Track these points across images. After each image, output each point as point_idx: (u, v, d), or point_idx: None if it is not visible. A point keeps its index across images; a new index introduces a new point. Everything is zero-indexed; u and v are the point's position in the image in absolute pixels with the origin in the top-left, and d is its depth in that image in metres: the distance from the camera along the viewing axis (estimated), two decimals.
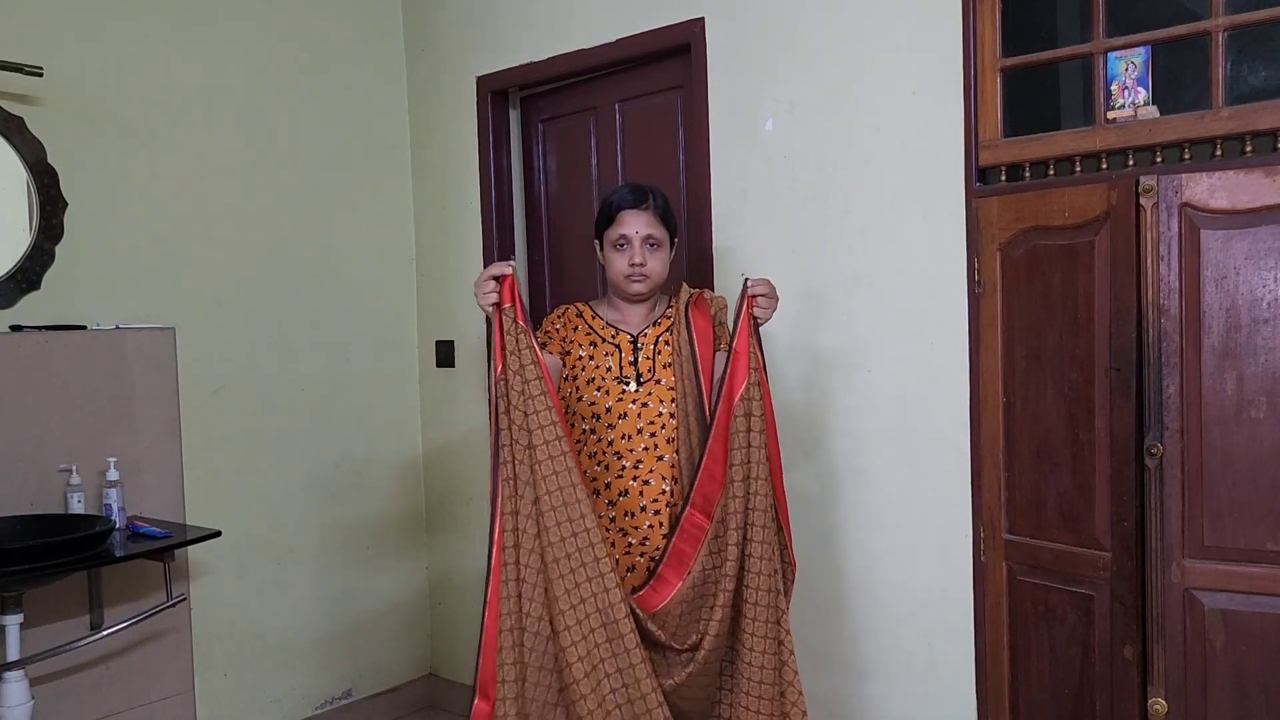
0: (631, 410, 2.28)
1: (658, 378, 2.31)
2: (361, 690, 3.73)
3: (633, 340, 2.34)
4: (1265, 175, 2.11)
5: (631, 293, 2.34)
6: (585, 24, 3.29)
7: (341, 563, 3.67)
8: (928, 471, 2.66)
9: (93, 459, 2.85)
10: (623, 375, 2.30)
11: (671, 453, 2.29)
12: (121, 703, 2.95)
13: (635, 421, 2.28)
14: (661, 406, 2.29)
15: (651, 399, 2.30)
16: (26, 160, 2.85)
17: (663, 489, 2.29)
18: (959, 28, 2.54)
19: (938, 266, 2.61)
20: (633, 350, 2.33)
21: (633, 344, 2.34)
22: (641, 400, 2.29)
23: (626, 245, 2.31)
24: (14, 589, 2.52)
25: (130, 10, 3.11)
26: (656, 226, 2.33)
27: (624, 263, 2.31)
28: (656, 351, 2.32)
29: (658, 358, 2.32)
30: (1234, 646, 2.17)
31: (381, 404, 3.79)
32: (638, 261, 2.30)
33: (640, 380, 2.30)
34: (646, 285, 2.33)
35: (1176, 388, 2.20)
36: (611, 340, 2.34)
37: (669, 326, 2.35)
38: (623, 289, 2.34)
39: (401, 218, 3.87)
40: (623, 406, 2.29)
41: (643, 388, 2.30)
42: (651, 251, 2.32)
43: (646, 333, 2.35)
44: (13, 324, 2.81)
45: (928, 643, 2.69)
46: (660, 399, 2.29)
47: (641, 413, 2.29)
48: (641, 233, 2.31)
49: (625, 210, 2.32)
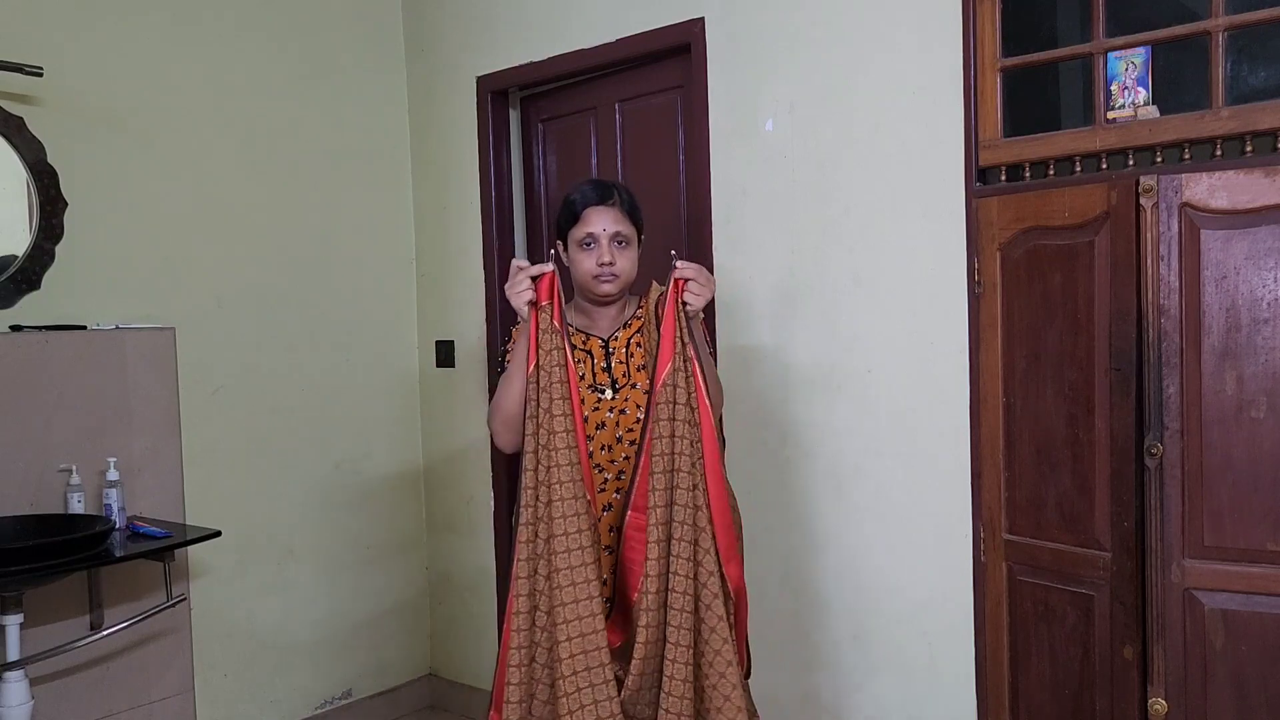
0: (609, 419, 2.18)
1: (633, 382, 2.20)
2: (361, 690, 3.73)
3: (604, 345, 2.23)
4: (1265, 175, 2.11)
5: (601, 294, 2.20)
6: (585, 24, 3.29)
7: (341, 563, 3.67)
8: (928, 471, 2.66)
9: (93, 459, 2.85)
10: (597, 383, 2.19)
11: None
12: (121, 703, 2.95)
13: (614, 430, 2.17)
14: (639, 413, 2.17)
15: (629, 405, 2.18)
16: (26, 160, 2.85)
17: None
18: (959, 28, 2.54)
19: (938, 266, 2.61)
20: (605, 355, 2.21)
21: (604, 349, 2.22)
22: (619, 408, 2.18)
23: (594, 244, 2.17)
24: (14, 589, 2.52)
25: (130, 10, 3.11)
26: (624, 223, 2.19)
27: (592, 262, 2.17)
28: (629, 355, 2.21)
29: (631, 361, 2.21)
30: (1234, 646, 2.17)
31: (381, 404, 3.79)
32: (606, 260, 2.16)
33: (616, 387, 2.19)
34: (616, 285, 2.19)
35: (1176, 388, 2.20)
36: (582, 347, 2.22)
37: (640, 328, 2.24)
38: (591, 290, 2.21)
39: (401, 218, 3.87)
40: (600, 416, 2.18)
41: (619, 394, 2.19)
42: (620, 249, 2.18)
43: (617, 336, 2.24)
44: (13, 324, 2.81)
45: (928, 643, 2.68)
46: (637, 404, 2.18)
47: (620, 420, 2.18)
48: (609, 230, 2.17)
49: (590, 207, 2.18)
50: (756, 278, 2.95)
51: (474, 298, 3.68)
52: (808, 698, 2.91)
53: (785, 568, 2.92)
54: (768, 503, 2.94)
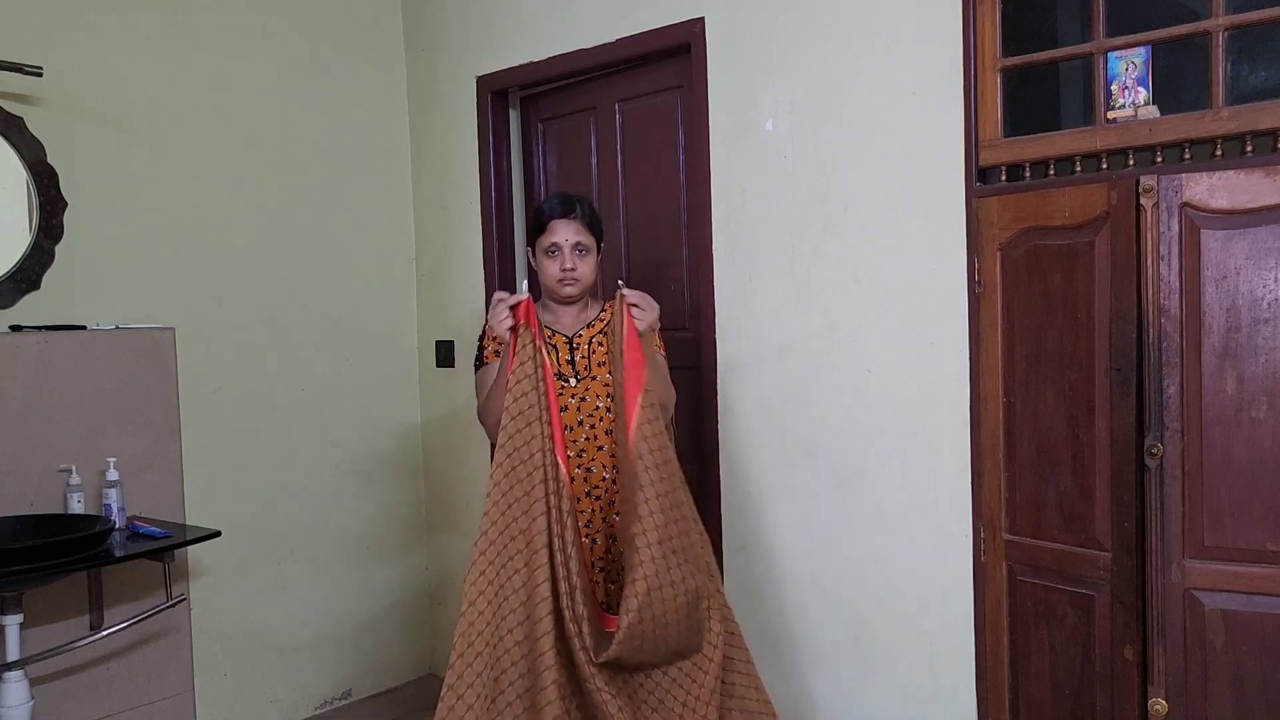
0: (571, 404, 2.46)
1: (593, 374, 2.48)
2: (361, 690, 3.73)
3: (568, 341, 2.51)
4: (1265, 175, 2.11)
5: (563, 295, 2.51)
6: (585, 24, 3.29)
7: (341, 563, 3.67)
8: (928, 471, 2.66)
9: (93, 459, 2.85)
10: (560, 372, 2.47)
11: (610, 443, 2.46)
12: (121, 703, 2.95)
13: (575, 414, 2.46)
14: (598, 401, 2.47)
15: (589, 394, 2.47)
16: (26, 160, 2.85)
17: (603, 476, 2.46)
18: (959, 28, 2.54)
19: (938, 266, 2.61)
20: (569, 350, 2.50)
21: (569, 344, 2.51)
22: (580, 395, 2.47)
23: (557, 252, 2.49)
24: (14, 589, 2.52)
25: (130, 10, 3.11)
26: (584, 234, 2.50)
27: (556, 268, 2.49)
28: (591, 351, 2.50)
29: (592, 356, 2.50)
30: (1234, 647, 2.17)
31: (381, 404, 3.79)
32: (569, 267, 2.48)
33: (578, 377, 2.48)
34: (577, 288, 2.51)
35: (1177, 388, 2.20)
36: (548, 340, 2.49)
37: (602, 329, 2.52)
38: (556, 292, 2.52)
39: (401, 218, 3.87)
40: (563, 400, 2.44)
41: (580, 384, 2.48)
42: (581, 257, 2.49)
43: (581, 333, 2.52)
44: (13, 324, 2.81)
45: (928, 643, 2.68)
46: (596, 394, 2.47)
47: (580, 406, 2.46)
48: (571, 240, 2.48)
49: (555, 219, 2.49)
50: (756, 278, 2.95)
51: (474, 297, 3.68)
52: (808, 697, 2.91)
53: (785, 567, 2.92)
54: (768, 503, 2.94)
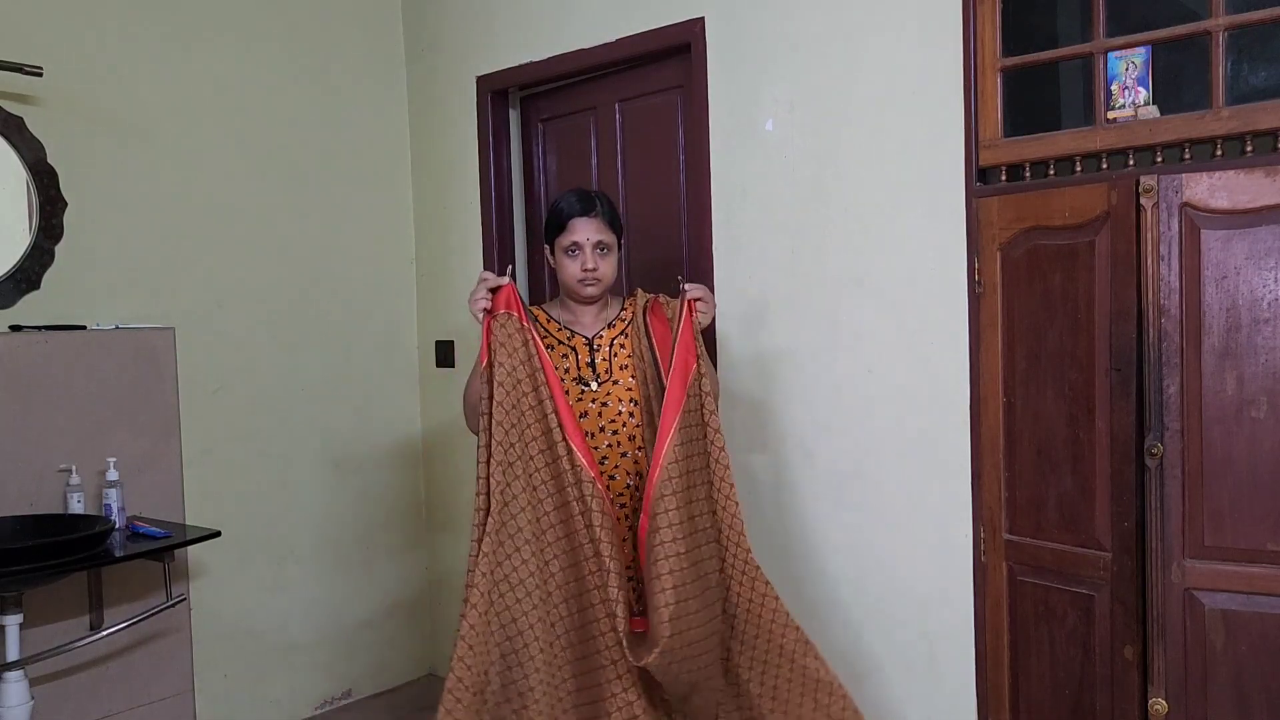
0: (592, 409, 2.36)
1: (615, 378, 2.39)
2: (361, 690, 3.73)
3: (588, 342, 2.42)
4: (1265, 175, 2.11)
5: (585, 295, 2.42)
6: (585, 24, 3.29)
7: (341, 563, 3.67)
8: (928, 471, 2.66)
9: (93, 459, 2.85)
10: (581, 376, 2.38)
11: (634, 449, 2.36)
12: (121, 703, 2.95)
13: (596, 420, 2.36)
14: (620, 405, 2.37)
15: (610, 398, 2.38)
16: (26, 160, 2.85)
17: (627, 484, 2.36)
18: (959, 28, 2.54)
19: (938, 266, 2.61)
20: (589, 352, 2.41)
21: (589, 346, 2.42)
22: (601, 399, 2.37)
23: (578, 251, 2.39)
24: (14, 589, 2.52)
25: (130, 10, 3.11)
26: (605, 232, 2.41)
27: (577, 268, 2.39)
28: (613, 353, 2.41)
29: (614, 359, 2.41)
30: (1234, 647, 2.17)
31: (381, 404, 3.79)
32: (590, 266, 2.38)
33: (599, 380, 2.39)
34: (599, 288, 2.42)
35: (1177, 388, 2.20)
36: (567, 343, 2.42)
37: (623, 329, 2.44)
38: (577, 293, 2.43)
39: (401, 218, 3.87)
40: (583, 406, 2.36)
41: (601, 387, 2.38)
42: (602, 256, 2.41)
43: (602, 335, 2.43)
44: (13, 324, 2.81)
45: (928, 643, 2.68)
46: (619, 398, 2.38)
47: (602, 411, 2.37)
48: (592, 239, 2.39)
49: (575, 218, 2.40)
50: (756, 277, 2.95)
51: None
52: None
53: (785, 568, 2.92)
54: (768, 503, 2.94)
